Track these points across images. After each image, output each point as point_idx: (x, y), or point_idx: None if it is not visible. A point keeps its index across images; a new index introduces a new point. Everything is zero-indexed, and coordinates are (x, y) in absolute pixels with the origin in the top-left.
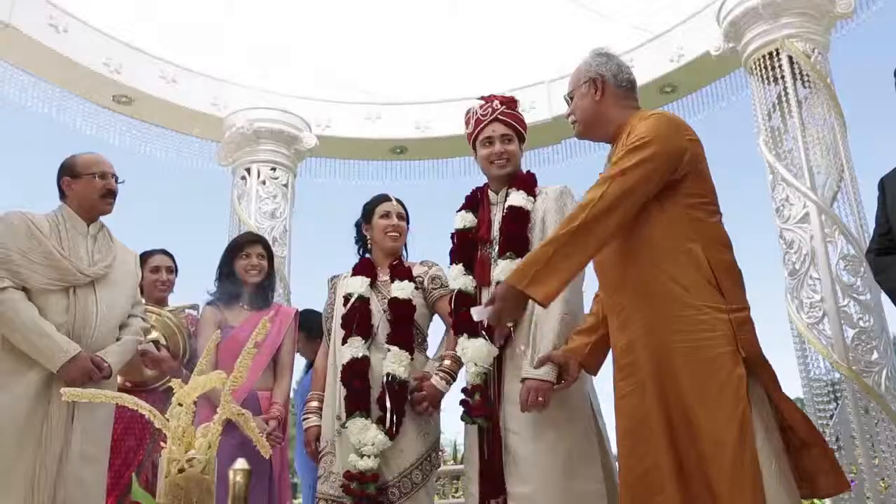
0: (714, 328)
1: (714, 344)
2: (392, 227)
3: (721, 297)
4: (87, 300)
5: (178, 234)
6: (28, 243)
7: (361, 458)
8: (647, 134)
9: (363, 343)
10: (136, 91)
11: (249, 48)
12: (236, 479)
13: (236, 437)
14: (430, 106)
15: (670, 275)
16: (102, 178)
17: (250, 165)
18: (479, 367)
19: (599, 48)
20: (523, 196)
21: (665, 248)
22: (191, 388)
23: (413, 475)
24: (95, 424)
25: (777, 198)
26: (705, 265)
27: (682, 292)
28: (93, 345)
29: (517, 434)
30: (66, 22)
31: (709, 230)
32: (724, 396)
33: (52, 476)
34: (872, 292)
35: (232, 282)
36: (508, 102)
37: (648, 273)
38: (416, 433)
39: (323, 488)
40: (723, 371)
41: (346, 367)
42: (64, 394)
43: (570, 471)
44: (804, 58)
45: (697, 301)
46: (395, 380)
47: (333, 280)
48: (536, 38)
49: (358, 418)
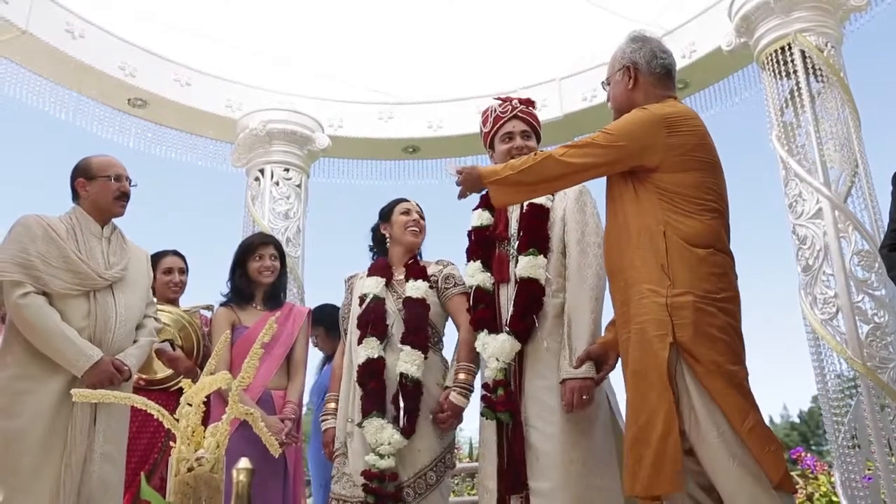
0: (648, 312)
1: (648, 328)
2: (413, 221)
3: (668, 280)
4: (107, 304)
5: (192, 234)
6: (46, 247)
7: (381, 458)
8: (614, 127)
9: (378, 344)
10: (151, 94)
11: (262, 50)
12: (239, 479)
13: (253, 435)
14: (443, 105)
15: (632, 259)
16: (117, 181)
17: (264, 166)
18: (500, 363)
19: (637, 31)
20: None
21: (633, 234)
22: (199, 388)
23: (428, 476)
24: (115, 425)
25: (790, 193)
26: (662, 251)
27: (637, 276)
28: (113, 347)
29: (539, 430)
30: (82, 28)
31: (683, 223)
32: (649, 381)
33: (78, 477)
34: (887, 288)
35: (244, 282)
36: (527, 102)
37: (620, 259)
38: (433, 433)
39: (335, 489)
40: (648, 355)
41: (361, 367)
42: (75, 395)
43: (591, 467)
44: (817, 52)
45: (645, 285)
46: (408, 379)
47: (350, 280)
48: (547, 35)
49: (375, 418)
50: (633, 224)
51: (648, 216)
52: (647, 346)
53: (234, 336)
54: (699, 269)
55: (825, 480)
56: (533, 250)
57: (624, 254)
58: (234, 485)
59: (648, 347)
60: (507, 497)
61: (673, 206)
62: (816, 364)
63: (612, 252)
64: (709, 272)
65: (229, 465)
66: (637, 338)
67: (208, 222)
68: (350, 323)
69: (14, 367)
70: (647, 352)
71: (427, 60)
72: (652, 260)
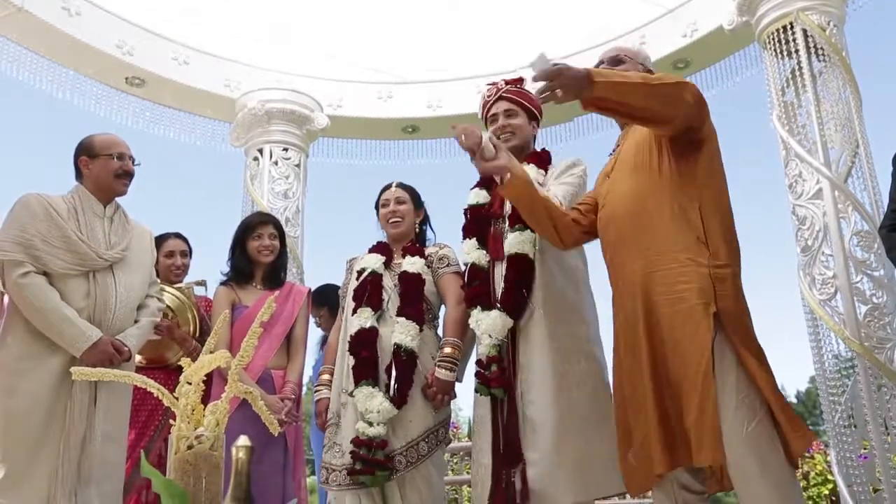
0: (691, 279)
1: (689, 296)
2: (390, 213)
3: (707, 252)
4: (107, 284)
5: (191, 214)
6: (47, 226)
7: (370, 425)
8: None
9: (372, 314)
10: (149, 73)
11: (261, 29)
12: (238, 456)
13: (254, 414)
14: (442, 84)
15: (667, 229)
16: (120, 160)
17: (262, 146)
18: (493, 339)
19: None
20: (534, 169)
21: (665, 204)
22: (198, 366)
23: (420, 446)
24: (116, 404)
25: (790, 174)
26: (697, 223)
27: (672, 245)
28: (112, 328)
29: (534, 402)
30: (79, 5)
31: (712, 194)
32: (692, 348)
33: (77, 456)
34: (886, 268)
35: (244, 262)
36: (514, 82)
37: (648, 228)
38: (425, 405)
39: (326, 457)
40: (691, 322)
41: (354, 336)
42: (74, 373)
43: (588, 433)
44: (819, 31)
45: (682, 254)
46: (403, 350)
47: (351, 261)
48: (548, 15)
49: (365, 386)
50: (666, 195)
51: (683, 189)
52: (691, 313)
53: (234, 315)
54: (732, 245)
55: (821, 460)
56: (520, 226)
57: (653, 222)
58: (234, 462)
59: (692, 314)
60: (502, 471)
61: (709, 181)
62: (814, 344)
63: (634, 219)
64: (737, 249)
65: (230, 444)
66: (675, 306)
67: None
68: (347, 298)
69: (15, 347)
70: (689, 318)
71: (427, 39)
72: (688, 231)
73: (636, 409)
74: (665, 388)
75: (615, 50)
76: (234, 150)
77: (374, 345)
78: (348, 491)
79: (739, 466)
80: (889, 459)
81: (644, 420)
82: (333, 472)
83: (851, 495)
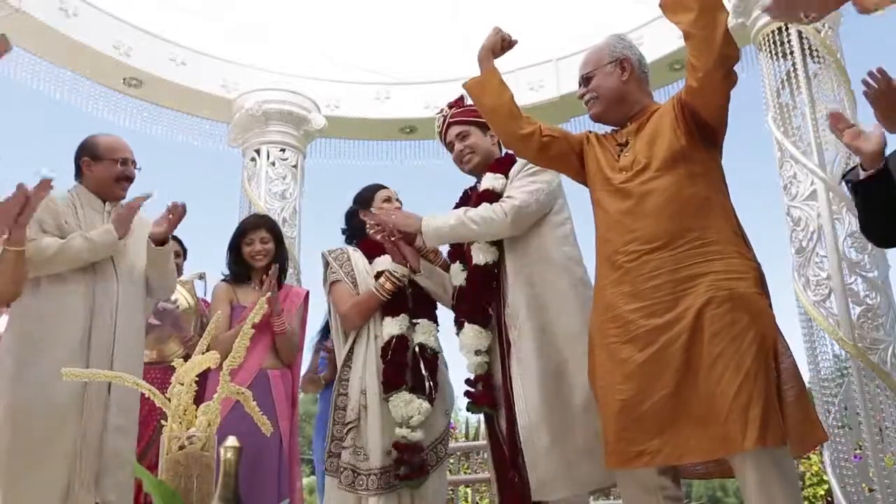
0: (742, 270)
1: (741, 284)
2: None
3: (746, 247)
4: (107, 275)
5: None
6: (42, 214)
7: (413, 430)
8: None
9: (409, 321)
10: (146, 74)
11: (258, 30)
12: (227, 457)
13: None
14: (439, 85)
15: (715, 220)
16: (123, 165)
17: (260, 147)
18: (480, 357)
19: (618, 34)
20: (492, 177)
21: (706, 197)
22: (190, 366)
23: (438, 449)
24: (127, 397)
25: (785, 175)
26: (732, 217)
27: (717, 237)
28: (117, 325)
29: (527, 413)
30: (76, 6)
31: (728, 198)
32: (748, 336)
33: (94, 449)
34: (880, 270)
35: (240, 266)
36: (455, 103)
37: (693, 218)
38: (440, 410)
39: (347, 457)
40: (753, 309)
41: (390, 343)
42: (64, 373)
43: (578, 425)
44: (814, 32)
45: (729, 245)
46: (429, 350)
47: (340, 252)
48: (544, 15)
49: (402, 393)
50: (703, 188)
51: (716, 183)
52: (749, 300)
53: (233, 315)
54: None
55: (816, 460)
56: None
57: (699, 213)
58: (222, 463)
59: (750, 301)
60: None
61: (724, 182)
62: (808, 345)
63: (676, 212)
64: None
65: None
66: (727, 294)
67: (204, 203)
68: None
69: (29, 341)
70: (750, 305)
71: (424, 40)
72: (726, 224)
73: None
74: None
75: (582, 65)
76: (232, 151)
77: (406, 352)
78: (381, 495)
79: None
80: (882, 460)
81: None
82: (360, 475)
83: (845, 496)
